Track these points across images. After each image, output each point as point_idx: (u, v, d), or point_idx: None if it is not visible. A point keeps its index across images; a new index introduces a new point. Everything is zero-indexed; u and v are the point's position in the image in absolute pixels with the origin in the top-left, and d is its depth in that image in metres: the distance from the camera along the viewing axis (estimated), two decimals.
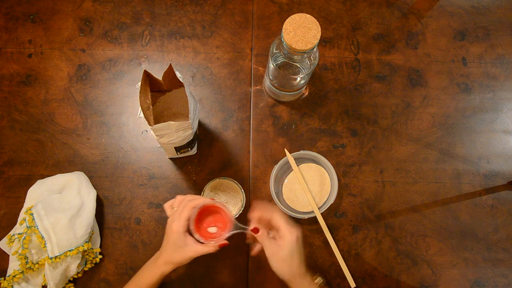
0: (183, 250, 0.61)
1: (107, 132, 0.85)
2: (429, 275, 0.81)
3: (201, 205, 0.63)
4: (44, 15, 0.91)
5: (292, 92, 0.83)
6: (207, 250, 0.62)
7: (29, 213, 0.73)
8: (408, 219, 0.83)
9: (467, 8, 0.96)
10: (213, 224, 0.66)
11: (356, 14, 0.94)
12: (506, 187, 0.86)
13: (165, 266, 0.63)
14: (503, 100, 0.91)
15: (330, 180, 0.82)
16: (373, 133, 0.87)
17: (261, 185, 0.83)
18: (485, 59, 0.93)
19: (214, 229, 0.66)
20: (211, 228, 0.66)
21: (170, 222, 0.63)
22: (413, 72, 0.91)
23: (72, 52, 0.89)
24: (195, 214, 0.63)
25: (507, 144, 0.88)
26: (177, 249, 0.61)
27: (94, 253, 0.77)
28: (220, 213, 0.66)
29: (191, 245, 0.62)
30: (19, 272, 0.72)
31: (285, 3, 0.94)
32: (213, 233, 0.65)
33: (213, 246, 0.63)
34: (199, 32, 0.91)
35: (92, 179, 0.82)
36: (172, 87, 0.75)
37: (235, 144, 0.85)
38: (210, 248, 0.62)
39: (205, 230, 0.66)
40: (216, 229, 0.66)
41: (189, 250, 0.61)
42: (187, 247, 0.61)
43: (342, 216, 0.83)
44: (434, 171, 0.86)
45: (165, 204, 0.67)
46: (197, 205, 0.63)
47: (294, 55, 0.69)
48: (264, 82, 0.87)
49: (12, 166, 0.82)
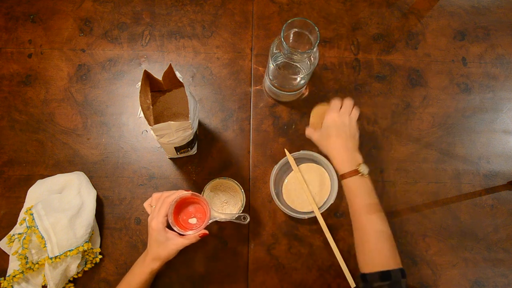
0: (165, 245, 0.64)
1: (107, 132, 0.85)
2: (429, 275, 0.81)
3: (177, 198, 0.65)
4: (44, 15, 0.91)
5: (292, 92, 0.83)
6: (188, 241, 0.64)
7: (29, 213, 0.73)
8: (408, 219, 0.83)
9: (467, 8, 0.96)
10: (193, 215, 0.69)
11: (356, 14, 0.94)
12: (506, 187, 0.86)
13: (153, 262, 0.65)
14: (503, 100, 0.91)
15: (330, 180, 0.82)
16: (373, 133, 0.87)
17: (261, 185, 0.83)
18: (485, 59, 0.93)
19: (194, 220, 0.69)
20: (191, 219, 0.69)
21: (149, 220, 0.65)
22: (413, 72, 0.91)
23: (72, 52, 0.89)
24: (173, 208, 0.66)
25: (507, 144, 0.88)
26: (160, 245, 0.64)
27: (94, 253, 0.77)
28: (199, 203, 0.69)
29: (172, 239, 0.64)
30: (19, 272, 0.72)
31: (285, 3, 0.94)
32: (193, 224, 0.69)
33: (193, 237, 0.65)
34: (199, 32, 0.91)
35: (92, 179, 0.82)
36: (172, 87, 0.75)
37: (235, 144, 0.85)
38: (191, 239, 0.65)
39: (186, 222, 0.69)
40: (196, 220, 0.69)
41: (172, 244, 0.64)
42: (169, 241, 0.64)
43: (342, 216, 0.83)
44: (434, 171, 0.86)
45: (145, 203, 0.69)
46: (174, 199, 0.65)
47: (294, 55, 0.69)
48: (264, 82, 0.87)
49: (12, 166, 0.82)
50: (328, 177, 0.82)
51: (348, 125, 0.71)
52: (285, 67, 0.75)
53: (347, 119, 0.72)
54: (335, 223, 0.82)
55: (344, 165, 0.69)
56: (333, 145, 0.71)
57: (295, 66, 0.75)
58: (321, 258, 0.80)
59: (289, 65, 0.75)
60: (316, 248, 0.81)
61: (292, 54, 0.69)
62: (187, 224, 0.69)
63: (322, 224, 0.79)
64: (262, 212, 0.82)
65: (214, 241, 0.80)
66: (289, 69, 0.75)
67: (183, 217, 0.69)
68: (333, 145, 0.71)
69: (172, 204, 0.65)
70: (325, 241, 0.80)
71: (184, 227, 0.68)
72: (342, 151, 0.70)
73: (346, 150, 0.70)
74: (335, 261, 0.79)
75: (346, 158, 0.69)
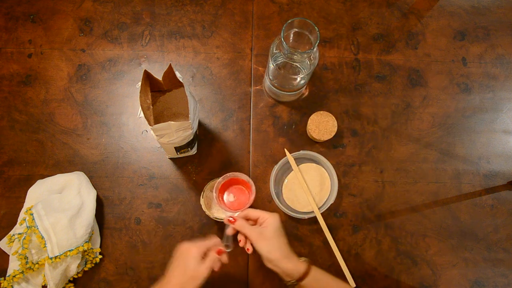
0: (196, 272, 0.59)
1: (107, 132, 0.85)
2: (429, 275, 0.81)
3: (225, 179, 0.70)
4: (44, 15, 0.91)
5: (292, 92, 0.83)
6: (211, 264, 0.60)
7: (29, 213, 0.73)
8: (408, 219, 0.83)
9: (467, 8, 0.96)
10: (234, 196, 0.73)
11: (356, 14, 0.94)
12: (506, 187, 0.86)
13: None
14: (503, 100, 0.91)
15: (330, 180, 0.82)
16: (373, 133, 0.87)
17: (261, 185, 0.83)
18: (485, 59, 0.93)
19: (232, 197, 0.73)
20: (229, 197, 0.73)
21: (186, 245, 0.61)
22: (413, 72, 0.91)
23: (72, 52, 0.89)
24: (220, 185, 0.70)
25: (507, 144, 0.88)
26: (190, 273, 0.58)
27: (94, 253, 0.77)
28: (244, 185, 0.73)
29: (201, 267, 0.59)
30: (19, 272, 0.72)
31: (285, 3, 0.94)
32: (232, 201, 0.72)
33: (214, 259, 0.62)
34: (199, 32, 0.91)
35: (92, 179, 0.82)
36: (172, 87, 0.75)
37: (235, 144, 0.85)
38: (213, 261, 0.61)
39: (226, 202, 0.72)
40: (233, 197, 0.73)
41: (203, 268, 0.59)
42: (199, 269, 0.59)
43: (342, 216, 0.83)
44: (434, 171, 0.86)
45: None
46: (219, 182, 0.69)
47: (294, 55, 0.69)
48: (264, 82, 0.88)
49: (12, 166, 0.82)
50: (328, 177, 0.82)
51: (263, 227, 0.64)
52: (285, 67, 0.75)
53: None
54: (335, 223, 0.82)
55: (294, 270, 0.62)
56: (286, 249, 0.64)
57: (295, 66, 0.75)
58: (321, 258, 0.80)
59: (289, 65, 0.75)
60: (316, 248, 0.81)
61: (292, 54, 0.69)
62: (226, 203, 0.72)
63: (322, 224, 0.79)
64: None
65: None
66: (289, 69, 0.75)
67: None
68: (286, 248, 0.64)
69: (220, 182, 0.69)
70: (325, 241, 0.80)
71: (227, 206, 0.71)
72: (286, 257, 0.63)
73: (289, 254, 0.63)
74: (335, 261, 0.79)
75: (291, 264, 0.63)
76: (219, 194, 0.71)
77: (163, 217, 0.81)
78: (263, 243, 0.62)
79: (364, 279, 0.80)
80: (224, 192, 0.73)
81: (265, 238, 0.62)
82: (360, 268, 0.81)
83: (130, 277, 0.78)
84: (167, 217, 0.81)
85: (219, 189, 0.70)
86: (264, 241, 0.62)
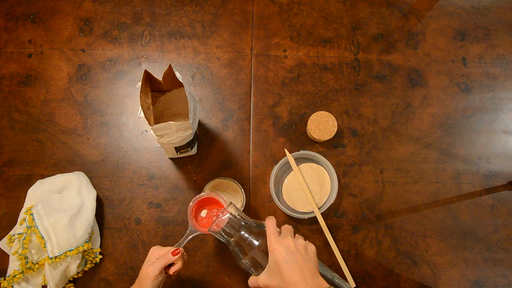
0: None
1: (107, 132, 0.85)
2: (429, 275, 0.81)
3: (198, 198, 0.69)
4: (44, 15, 0.91)
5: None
6: (164, 262, 0.64)
7: (29, 213, 0.73)
8: (408, 219, 0.83)
9: (467, 8, 0.96)
10: (206, 212, 0.72)
11: (356, 14, 0.94)
12: (506, 187, 0.86)
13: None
14: (503, 100, 0.91)
15: (330, 180, 0.82)
16: (373, 133, 0.87)
17: (261, 185, 0.83)
18: (485, 59, 0.93)
19: (204, 212, 0.72)
20: (202, 212, 0.72)
21: (145, 267, 0.64)
22: (413, 72, 0.91)
23: (72, 52, 0.89)
24: (193, 205, 0.69)
25: (507, 144, 0.88)
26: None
27: (94, 253, 0.77)
28: (218, 204, 0.71)
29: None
30: (19, 272, 0.72)
31: (285, 3, 0.94)
32: (204, 217, 0.71)
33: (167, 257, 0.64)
34: (199, 32, 0.91)
35: (92, 179, 0.82)
36: (172, 87, 0.75)
37: (235, 144, 0.85)
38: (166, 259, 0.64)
39: (201, 220, 0.72)
40: (206, 212, 0.72)
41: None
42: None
43: (342, 216, 0.83)
44: (434, 171, 0.86)
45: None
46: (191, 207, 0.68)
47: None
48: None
49: (12, 166, 0.82)
50: (328, 177, 0.82)
51: (297, 249, 0.57)
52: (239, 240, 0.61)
53: (294, 243, 0.57)
54: (335, 223, 0.82)
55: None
56: (290, 282, 0.54)
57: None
58: (321, 258, 0.80)
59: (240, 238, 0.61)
60: (316, 248, 0.81)
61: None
62: (201, 220, 0.72)
63: (322, 224, 0.79)
64: (262, 212, 0.82)
65: (214, 241, 0.80)
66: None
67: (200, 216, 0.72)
68: (289, 282, 0.54)
69: (193, 201, 0.68)
70: (325, 241, 0.80)
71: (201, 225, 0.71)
72: (301, 285, 0.53)
73: (304, 282, 0.54)
74: (335, 261, 0.79)
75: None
76: (196, 209, 0.71)
77: (163, 217, 0.81)
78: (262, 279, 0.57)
79: (364, 279, 0.80)
80: (203, 208, 0.72)
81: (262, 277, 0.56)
82: (360, 268, 0.81)
83: (130, 277, 0.78)
84: (167, 217, 0.81)
85: (195, 203, 0.69)
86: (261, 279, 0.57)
